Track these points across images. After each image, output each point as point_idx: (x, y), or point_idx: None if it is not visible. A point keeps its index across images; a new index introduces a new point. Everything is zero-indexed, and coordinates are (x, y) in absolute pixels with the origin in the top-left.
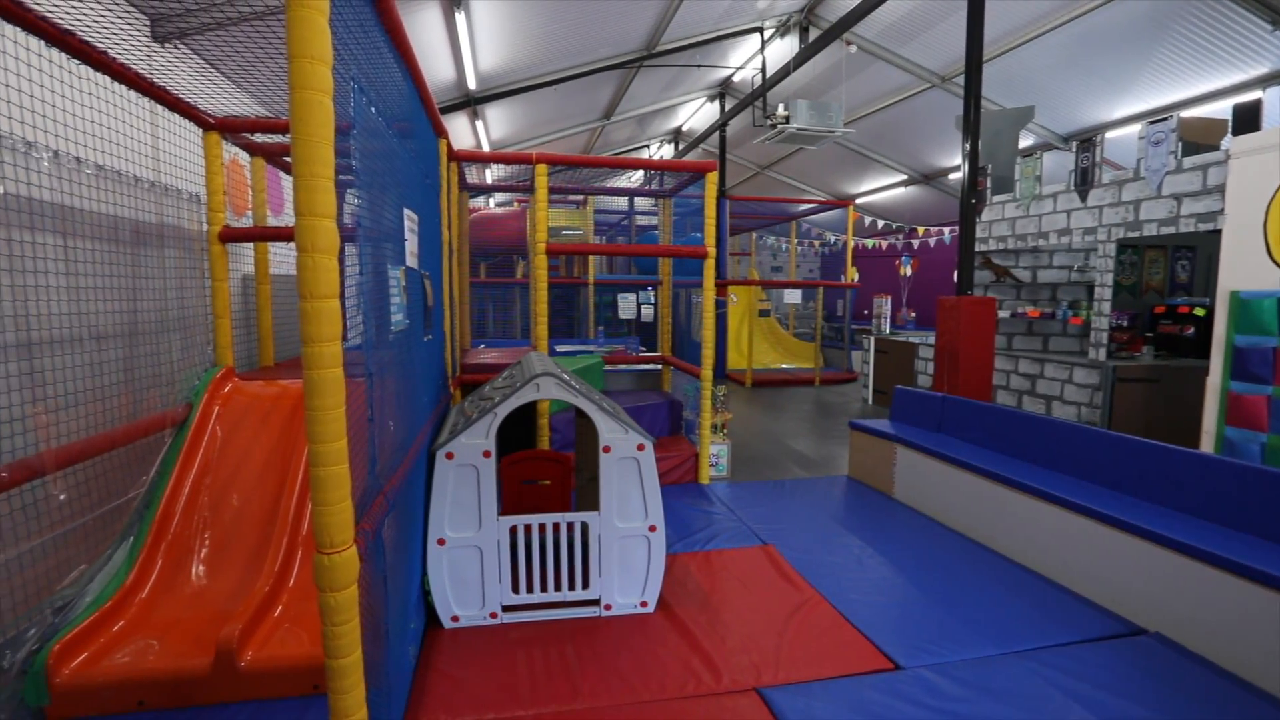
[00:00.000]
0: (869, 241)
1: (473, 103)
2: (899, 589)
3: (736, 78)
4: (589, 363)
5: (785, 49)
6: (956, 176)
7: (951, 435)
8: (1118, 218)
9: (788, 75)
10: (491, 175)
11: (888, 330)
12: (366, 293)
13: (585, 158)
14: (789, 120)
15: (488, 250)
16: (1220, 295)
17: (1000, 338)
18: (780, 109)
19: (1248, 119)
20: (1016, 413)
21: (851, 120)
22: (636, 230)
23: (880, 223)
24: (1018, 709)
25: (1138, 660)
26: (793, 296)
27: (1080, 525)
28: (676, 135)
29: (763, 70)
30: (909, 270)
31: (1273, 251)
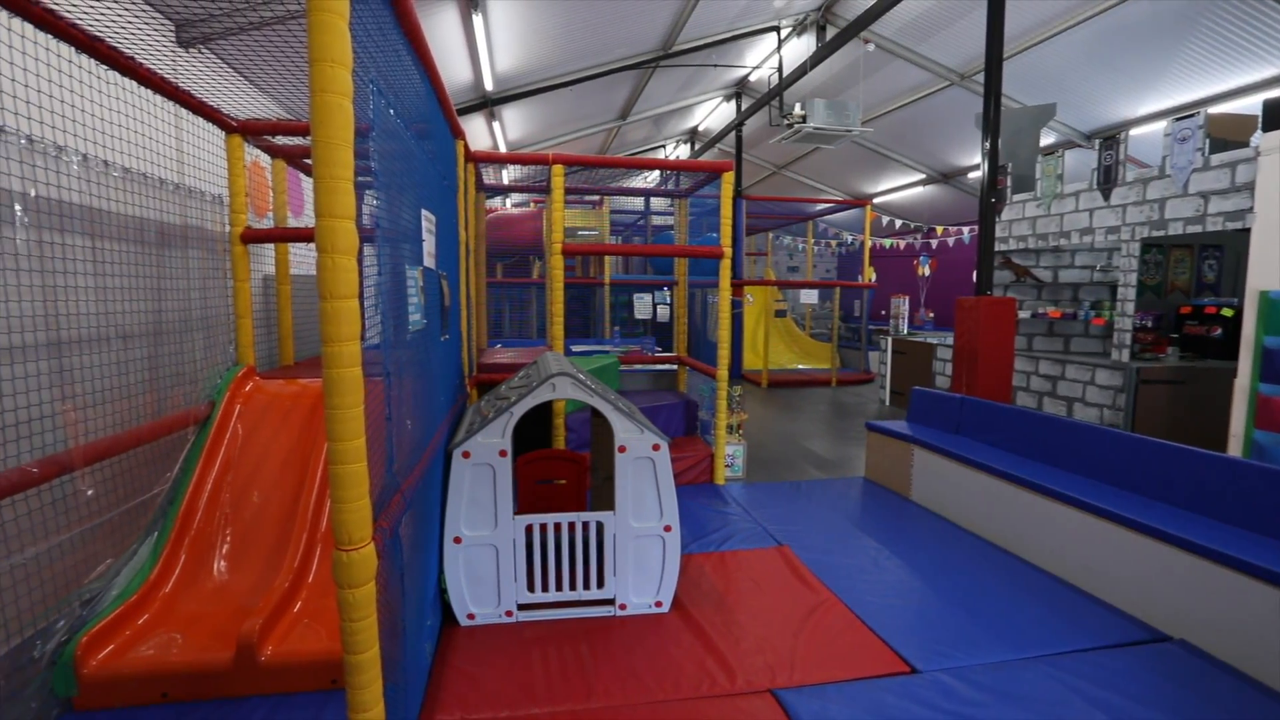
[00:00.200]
0: (886, 241)
1: (489, 104)
2: (916, 592)
3: (753, 77)
4: (605, 363)
5: (802, 48)
6: (976, 175)
7: (970, 437)
8: (1142, 216)
9: (804, 74)
10: (508, 176)
11: (905, 331)
12: (385, 293)
13: (601, 158)
14: (806, 119)
15: (504, 250)
16: (1249, 295)
17: (1020, 338)
18: (797, 108)
19: (1278, 114)
20: (1037, 414)
21: (869, 119)
22: (652, 230)
23: (898, 222)
24: (1038, 715)
25: (1161, 667)
26: (809, 297)
27: (1102, 529)
28: (692, 135)
29: (779, 69)
30: (927, 270)
31: None
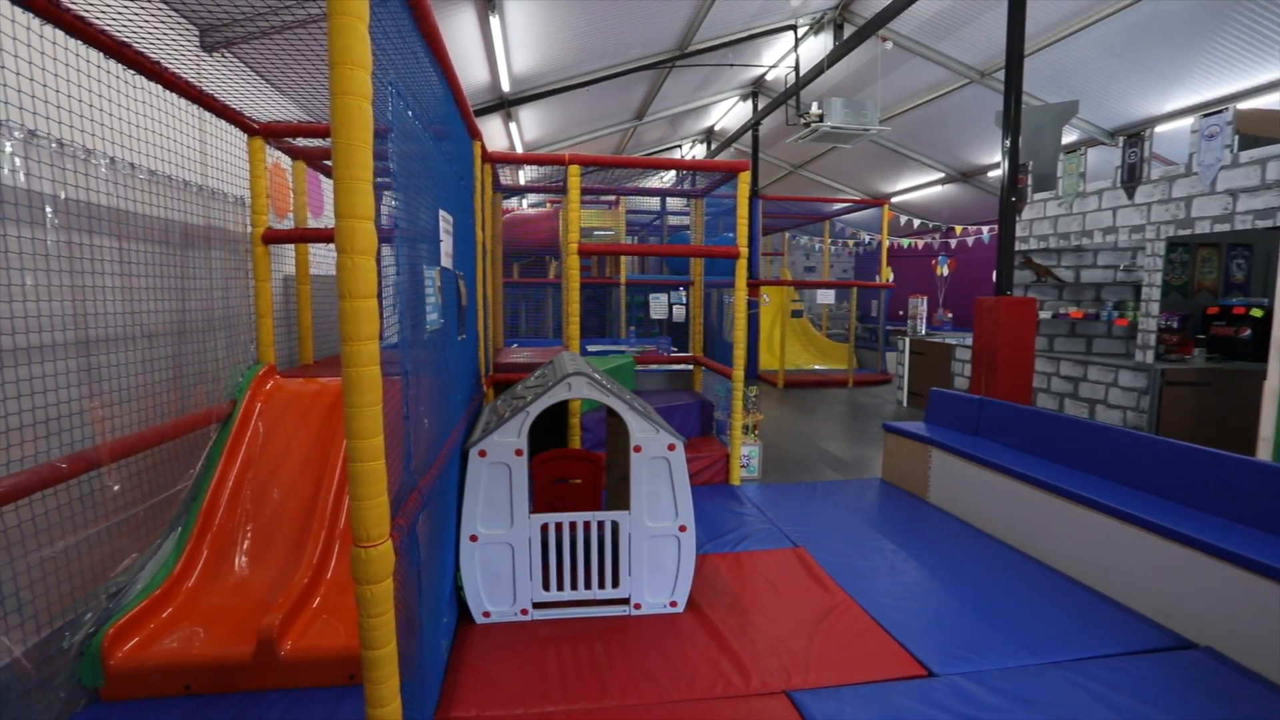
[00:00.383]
0: (905, 241)
1: (506, 105)
2: (933, 594)
3: (769, 76)
4: (620, 362)
5: (819, 46)
6: (996, 174)
7: (989, 439)
8: (1167, 215)
9: (821, 73)
10: (525, 176)
11: (923, 331)
12: (403, 293)
13: (617, 158)
14: (823, 119)
15: (521, 251)
16: None
17: (1041, 339)
18: (814, 107)
19: None
20: (1058, 416)
21: (887, 118)
22: (668, 230)
23: (916, 222)
24: None
25: (1187, 675)
26: (826, 297)
27: (1124, 533)
28: (709, 135)
29: (796, 68)
30: (946, 270)
31: None
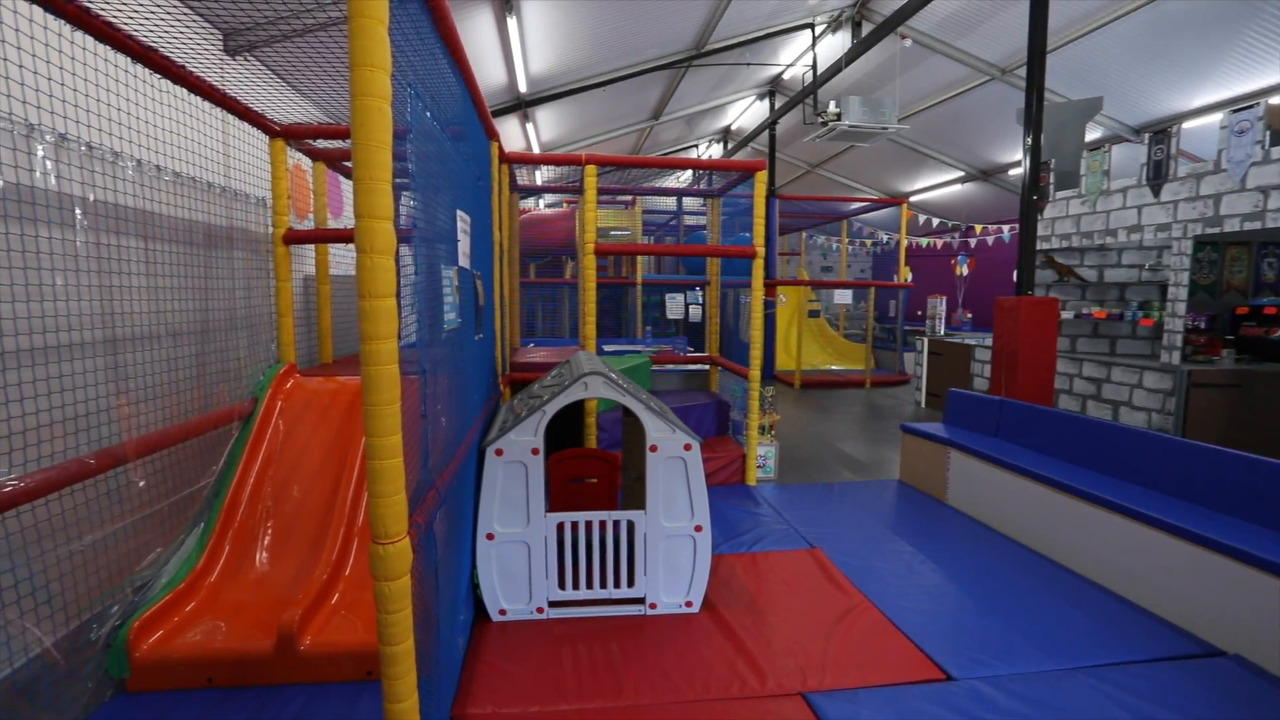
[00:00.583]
0: (923, 240)
1: (523, 105)
2: (952, 597)
3: (786, 75)
4: (636, 362)
5: (837, 45)
6: (1017, 172)
7: (1009, 440)
8: (1195, 213)
9: (839, 71)
10: (541, 177)
11: (942, 332)
12: (421, 292)
13: (634, 158)
14: (840, 117)
15: (537, 250)
16: None
17: (1063, 340)
18: (831, 106)
19: None
20: (1080, 418)
21: (906, 116)
22: (685, 230)
23: (935, 221)
24: None
25: (1215, 683)
26: (843, 297)
27: (1150, 537)
28: (725, 134)
29: (813, 67)
30: (965, 270)
31: None
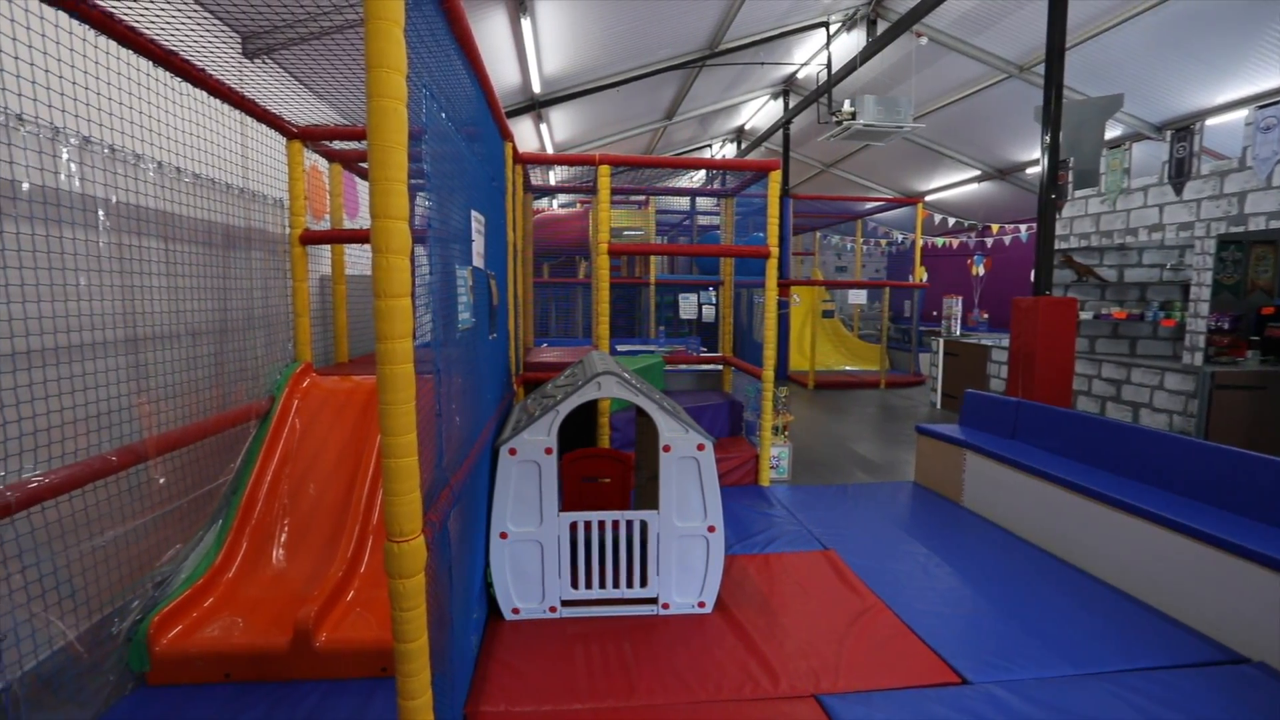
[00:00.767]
0: (939, 240)
1: (537, 106)
2: (967, 600)
3: (801, 74)
4: (650, 362)
5: (852, 43)
6: (1034, 171)
7: (1026, 442)
8: (1219, 211)
9: (854, 70)
10: (555, 177)
11: (958, 332)
12: (436, 292)
13: (647, 158)
14: (855, 116)
15: (551, 250)
16: None
17: (1081, 340)
18: (846, 105)
19: None
20: (1099, 419)
21: (921, 114)
22: (698, 230)
23: (951, 220)
24: None
25: (1238, 690)
26: (858, 297)
27: (1171, 541)
28: (739, 134)
29: (828, 66)
30: (982, 270)
31: None
